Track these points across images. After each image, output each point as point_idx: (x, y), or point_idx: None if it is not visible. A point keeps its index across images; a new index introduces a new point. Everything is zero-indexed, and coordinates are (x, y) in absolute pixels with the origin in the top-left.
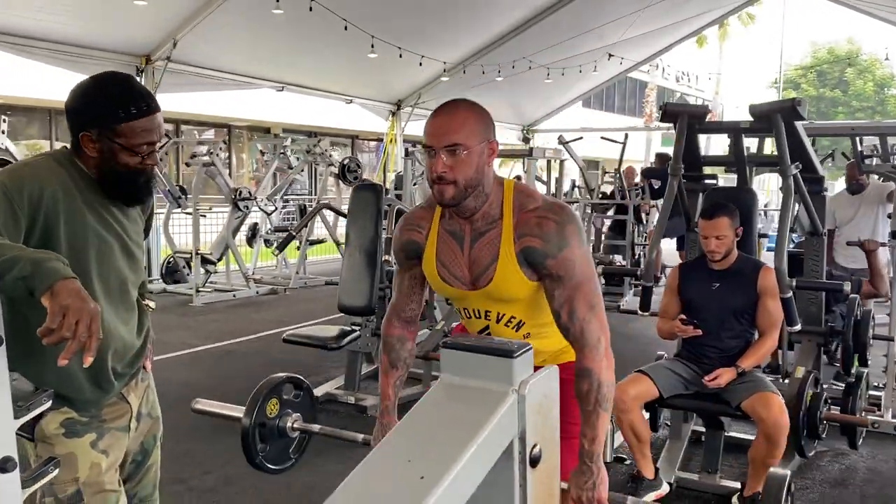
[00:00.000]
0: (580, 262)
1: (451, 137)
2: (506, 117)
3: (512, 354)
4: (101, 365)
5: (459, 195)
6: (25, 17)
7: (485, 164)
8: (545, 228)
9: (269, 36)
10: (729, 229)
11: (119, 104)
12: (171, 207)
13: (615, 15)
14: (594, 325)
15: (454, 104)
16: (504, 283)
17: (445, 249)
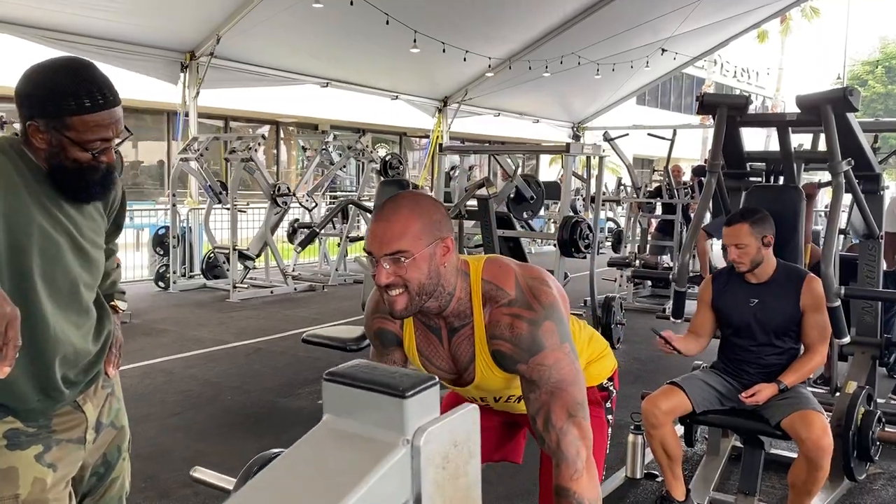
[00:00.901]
0: (558, 365)
1: (392, 245)
2: (554, 114)
3: (404, 392)
4: (48, 372)
5: (413, 303)
6: (74, 14)
7: (439, 266)
8: (516, 331)
9: (310, 31)
10: (749, 237)
11: (71, 94)
12: (212, 203)
13: (669, 8)
14: (572, 436)
15: (396, 203)
16: (486, 381)
17: (425, 343)
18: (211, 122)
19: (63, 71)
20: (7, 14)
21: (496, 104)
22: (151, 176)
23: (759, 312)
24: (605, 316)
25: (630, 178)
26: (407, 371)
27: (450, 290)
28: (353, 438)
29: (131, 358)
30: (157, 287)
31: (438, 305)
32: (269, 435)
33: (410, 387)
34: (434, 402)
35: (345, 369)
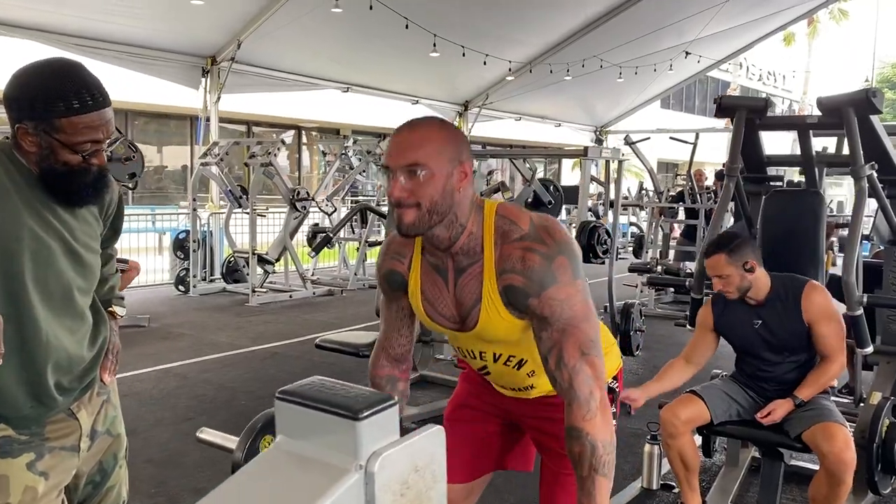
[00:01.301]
0: (570, 300)
1: (409, 157)
2: (577, 118)
3: (357, 414)
4: (40, 379)
5: (422, 221)
6: (97, 21)
7: (454, 190)
8: (528, 263)
9: (330, 36)
10: (729, 267)
11: (59, 96)
12: (233, 207)
13: (693, 11)
14: (585, 374)
15: (418, 121)
16: (490, 325)
17: (430, 285)
18: (234, 127)
19: (51, 72)
20: (34, 21)
21: (517, 108)
22: (175, 180)
23: (764, 333)
24: (624, 323)
25: (652, 183)
26: (364, 391)
27: (462, 221)
28: (304, 462)
29: (147, 362)
30: (177, 291)
31: (449, 237)
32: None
33: (365, 408)
34: (393, 424)
35: (298, 388)
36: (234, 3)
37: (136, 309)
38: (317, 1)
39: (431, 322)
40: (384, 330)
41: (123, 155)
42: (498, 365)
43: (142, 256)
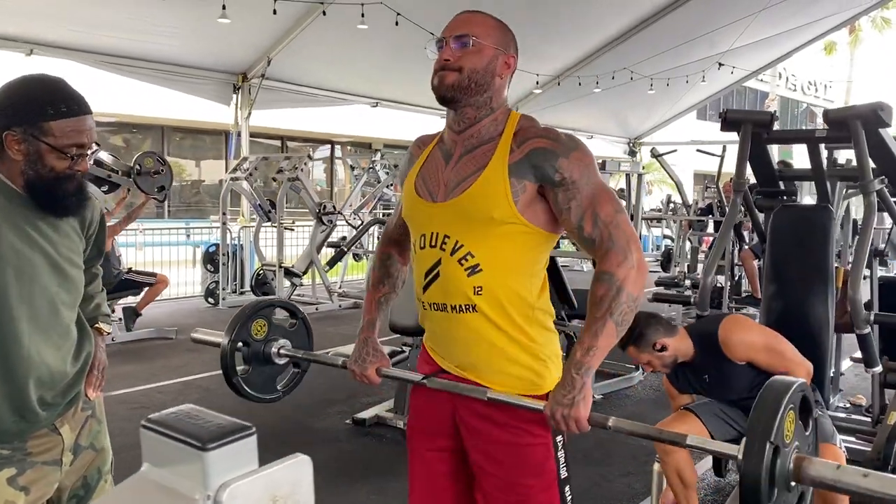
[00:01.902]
0: (593, 169)
1: (464, 28)
2: (609, 130)
3: (205, 445)
4: (21, 394)
5: (461, 85)
6: (133, 41)
7: (496, 73)
8: (551, 132)
9: (357, 51)
10: (643, 355)
11: (48, 102)
12: (262, 221)
13: (726, 21)
14: (623, 229)
15: (475, 10)
16: (481, 193)
17: (431, 165)
18: (269, 142)
19: (37, 83)
20: (73, 41)
21: (548, 120)
22: (211, 194)
23: (718, 383)
24: None
25: (680, 195)
26: (223, 421)
27: (493, 105)
28: (159, 491)
29: (171, 374)
30: (206, 303)
31: (475, 116)
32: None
33: (214, 438)
34: (250, 454)
35: (163, 416)
36: (263, 22)
37: (165, 321)
38: (343, 18)
39: (415, 196)
40: (392, 216)
41: (153, 168)
42: (452, 262)
43: (175, 269)
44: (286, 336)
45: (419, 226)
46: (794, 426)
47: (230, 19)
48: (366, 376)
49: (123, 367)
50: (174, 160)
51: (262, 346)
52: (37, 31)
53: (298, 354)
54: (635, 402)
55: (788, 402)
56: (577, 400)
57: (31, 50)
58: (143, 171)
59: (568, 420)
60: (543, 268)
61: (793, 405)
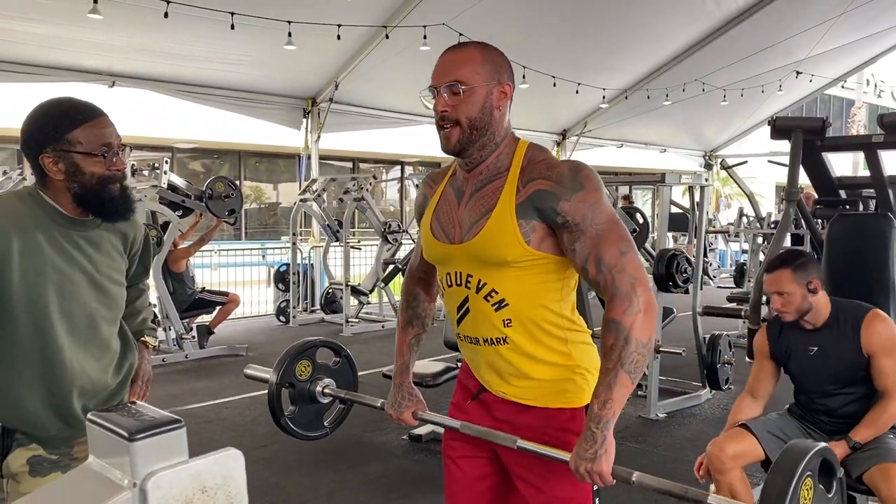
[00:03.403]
0: (599, 206)
1: (451, 75)
2: (684, 143)
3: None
4: (66, 403)
5: (465, 138)
6: (207, 70)
7: (493, 108)
8: (556, 171)
9: (421, 72)
10: (792, 284)
11: (64, 115)
12: (331, 241)
13: (802, 28)
14: (627, 272)
15: (461, 44)
16: (492, 236)
17: (445, 205)
18: (341, 164)
19: (49, 105)
20: (152, 72)
21: (618, 135)
22: (286, 216)
23: (819, 361)
24: (711, 355)
25: (752, 208)
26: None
27: (497, 140)
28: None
29: (238, 389)
30: (278, 321)
31: (480, 154)
32: (347, 469)
33: (140, 430)
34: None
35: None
36: (329, 47)
37: (237, 339)
38: (407, 41)
39: (433, 239)
40: (415, 255)
41: (224, 193)
42: (479, 298)
43: (249, 289)
44: (331, 374)
45: (442, 265)
46: (813, 492)
47: (296, 46)
48: (402, 420)
49: (195, 383)
50: (253, 184)
51: (307, 386)
52: (118, 64)
53: (341, 394)
54: (700, 420)
55: (805, 469)
56: (598, 454)
57: (113, 82)
58: (214, 195)
59: (591, 474)
60: (572, 289)
61: (810, 472)
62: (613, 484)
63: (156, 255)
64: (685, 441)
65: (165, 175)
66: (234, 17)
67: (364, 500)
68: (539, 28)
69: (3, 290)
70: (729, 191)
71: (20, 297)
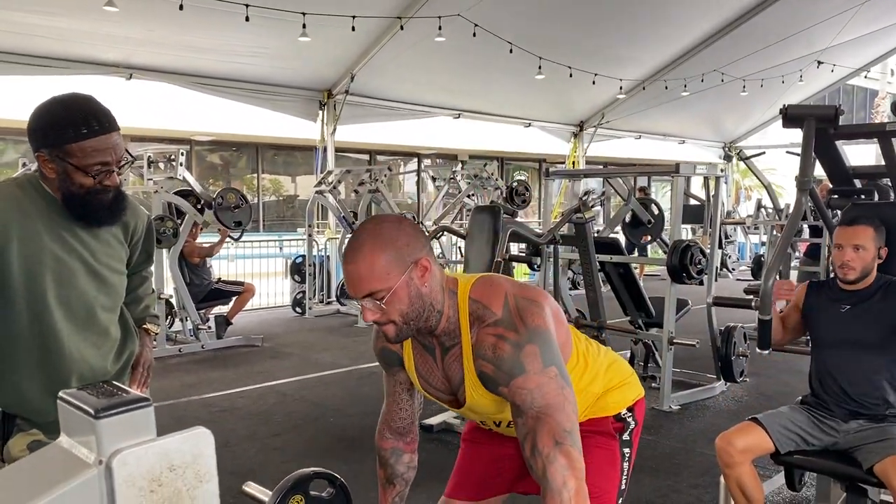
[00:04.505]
0: (541, 389)
1: (363, 288)
2: (703, 134)
3: (97, 413)
4: (64, 389)
5: (404, 331)
6: (222, 62)
7: (419, 290)
8: (498, 352)
9: (437, 64)
10: (871, 242)
11: (68, 124)
12: (346, 233)
13: (823, 17)
14: (559, 464)
15: (357, 241)
16: (477, 403)
17: (422, 362)
18: (357, 156)
19: (60, 105)
20: (170, 65)
21: (636, 126)
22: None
23: (848, 322)
24: (725, 347)
25: (770, 200)
26: (124, 393)
27: (439, 309)
28: (64, 456)
29: (253, 379)
30: (293, 312)
31: (429, 326)
32: (358, 459)
33: (106, 408)
34: (145, 424)
35: (76, 390)
36: (344, 39)
37: (253, 329)
38: (422, 32)
39: (428, 395)
40: (386, 403)
41: (233, 204)
42: (503, 428)
43: (266, 280)
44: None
45: None
46: None
47: (311, 38)
48: None
49: (210, 372)
50: (271, 176)
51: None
52: (135, 57)
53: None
54: (713, 413)
55: None
56: None
57: (130, 74)
58: (223, 204)
59: None
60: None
61: None
62: None
63: (172, 246)
64: (698, 433)
65: (181, 167)
66: (249, 9)
67: (375, 490)
68: (555, 18)
69: (4, 278)
70: (749, 182)
71: (19, 284)
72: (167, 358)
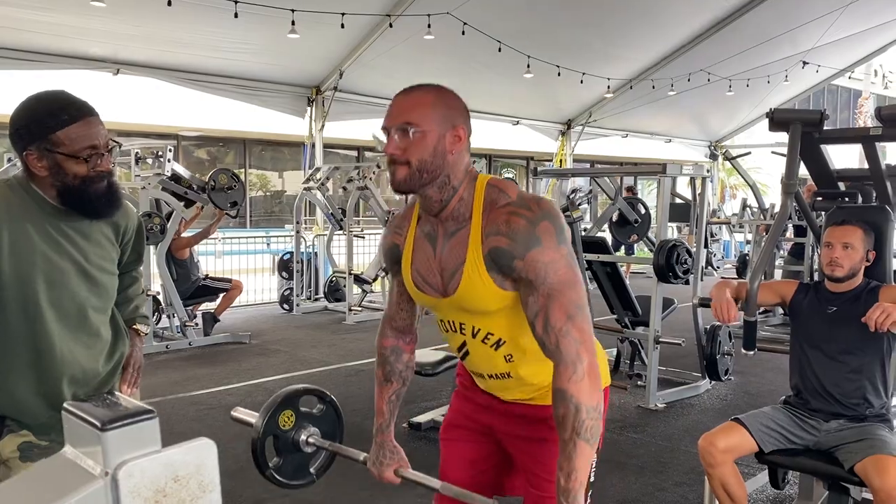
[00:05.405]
0: (555, 265)
1: (402, 117)
2: (689, 133)
3: (103, 426)
4: (56, 390)
5: (413, 179)
6: (210, 58)
7: (447, 152)
8: (513, 225)
9: (425, 61)
10: (860, 242)
11: (48, 115)
12: (334, 230)
13: (808, 18)
14: (572, 337)
15: (415, 86)
16: (471, 290)
17: (421, 254)
18: (346, 153)
19: (37, 100)
20: (156, 60)
21: (623, 125)
22: (291, 204)
23: (834, 323)
24: (710, 346)
25: (755, 199)
26: (127, 404)
27: (454, 184)
28: (70, 468)
29: (241, 377)
30: (281, 309)
31: (440, 199)
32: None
33: (112, 420)
34: (150, 435)
35: (82, 402)
36: (333, 36)
37: (240, 326)
38: (411, 30)
39: (417, 291)
40: (389, 303)
41: (226, 185)
42: (476, 342)
43: (253, 277)
44: (315, 422)
45: (433, 311)
46: None
47: (300, 35)
48: (383, 478)
49: (198, 370)
50: (258, 172)
51: (290, 436)
52: (123, 52)
53: (325, 445)
54: (699, 411)
55: None
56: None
57: (117, 70)
58: (217, 186)
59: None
60: None
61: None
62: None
63: (159, 242)
64: (683, 431)
65: (169, 164)
66: (238, 6)
67: (365, 487)
68: (544, 17)
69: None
70: (734, 181)
71: (10, 285)
72: (154, 355)
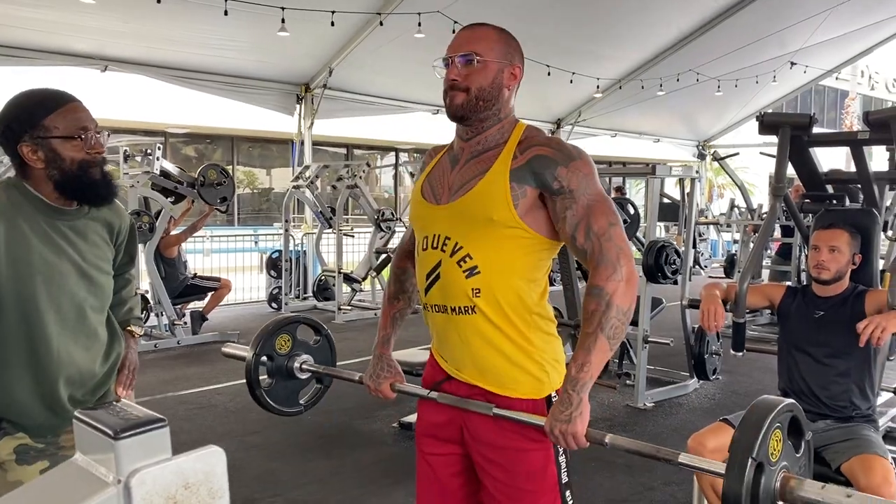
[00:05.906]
0: (592, 178)
1: (467, 46)
2: (678, 133)
3: (116, 434)
4: (53, 392)
5: (470, 105)
6: (199, 55)
7: (503, 86)
8: (555, 140)
9: (415, 59)
10: (846, 245)
11: (36, 105)
12: (323, 228)
13: (796, 19)
14: (614, 243)
15: (480, 23)
16: (482, 195)
17: (439, 170)
18: (335, 150)
19: (21, 96)
20: (144, 57)
21: (612, 124)
22: (279, 202)
23: (821, 327)
24: (699, 346)
25: (743, 199)
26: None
27: (500, 117)
28: (82, 475)
29: (229, 376)
30: (270, 308)
31: (482, 126)
32: (340, 456)
33: (125, 429)
34: (161, 443)
35: (93, 410)
36: (323, 34)
37: (228, 325)
38: (401, 28)
39: (421, 199)
40: (407, 231)
41: (216, 180)
42: (451, 263)
43: (242, 275)
44: (310, 352)
45: (422, 228)
46: (782, 446)
47: (290, 32)
48: (380, 391)
49: (186, 369)
50: (246, 169)
51: (285, 361)
52: (110, 49)
53: (319, 369)
54: (687, 410)
55: (774, 421)
56: (573, 416)
57: (105, 66)
58: (206, 182)
59: (566, 436)
60: (544, 274)
61: (780, 424)
62: (587, 446)
63: (148, 241)
64: (672, 430)
65: (158, 161)
66: (228, 3)
67: (356, 486)
68: (534, 16)
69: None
70: (722, 181)
71: (8, 287)
72: (142, 353)
